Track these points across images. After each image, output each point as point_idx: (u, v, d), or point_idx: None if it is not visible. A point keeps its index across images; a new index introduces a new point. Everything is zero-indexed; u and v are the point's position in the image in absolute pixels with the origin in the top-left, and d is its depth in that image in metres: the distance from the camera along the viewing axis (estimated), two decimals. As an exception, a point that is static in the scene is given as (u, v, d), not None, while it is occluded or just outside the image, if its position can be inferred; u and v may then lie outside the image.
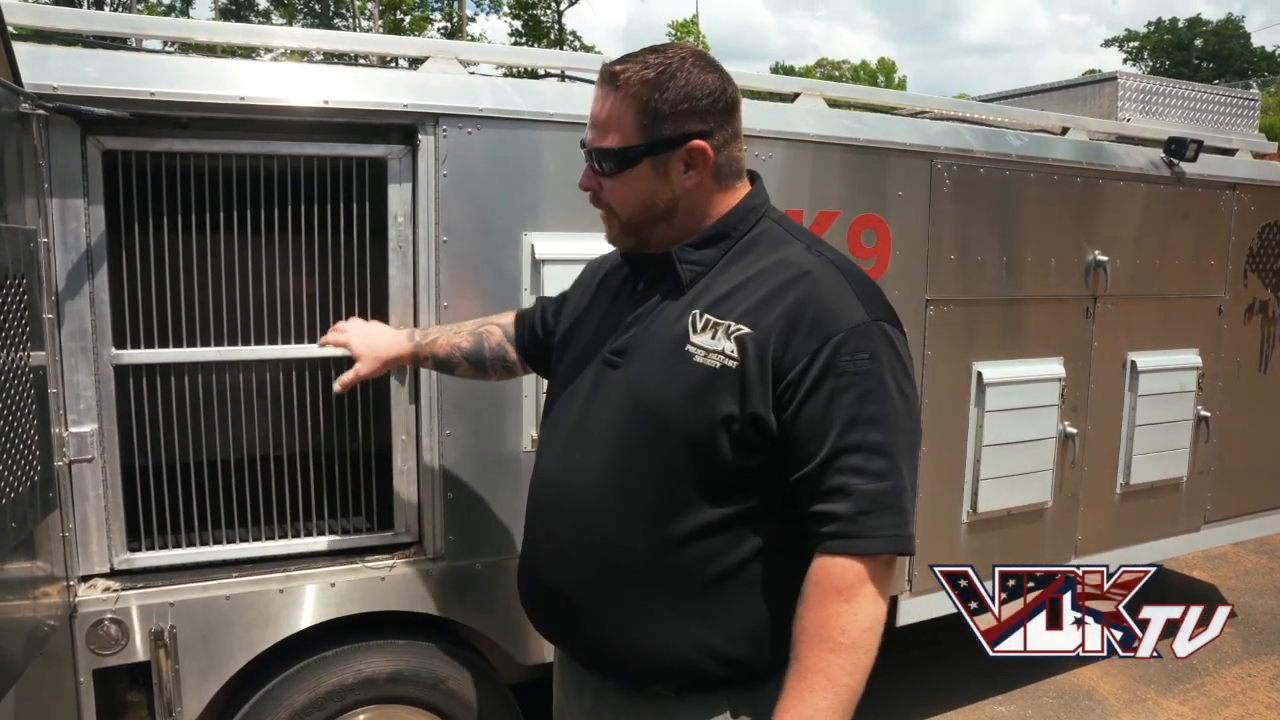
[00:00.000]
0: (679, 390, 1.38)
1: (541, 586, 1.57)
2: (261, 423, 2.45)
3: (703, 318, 1.40)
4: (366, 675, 2.38)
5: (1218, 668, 4.20)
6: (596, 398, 1.50)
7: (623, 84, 1.41)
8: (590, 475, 1.46)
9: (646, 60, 1.42)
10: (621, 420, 1.45)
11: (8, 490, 1.67)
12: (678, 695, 1.45)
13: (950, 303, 3.19)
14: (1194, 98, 4.16)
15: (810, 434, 1.32)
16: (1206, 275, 3.93)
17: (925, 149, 3.07)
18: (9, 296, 1.71)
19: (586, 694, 1.56)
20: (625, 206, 1.48)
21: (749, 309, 1.38)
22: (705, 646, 1.42)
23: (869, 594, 1.29)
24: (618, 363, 1.49)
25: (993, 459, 3.32)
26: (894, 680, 3.91)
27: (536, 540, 1.60)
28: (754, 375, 1.34)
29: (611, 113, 1.43)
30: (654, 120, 1.41)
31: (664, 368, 1.41)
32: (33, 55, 2.00)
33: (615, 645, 1.45)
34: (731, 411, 1.35)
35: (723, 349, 1.36)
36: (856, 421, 1.30)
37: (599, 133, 1.45)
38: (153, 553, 2.29)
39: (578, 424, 1.52)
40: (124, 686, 2.41)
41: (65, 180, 2.07)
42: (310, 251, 2.37)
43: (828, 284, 1.37)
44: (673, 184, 1.45)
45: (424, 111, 2.31)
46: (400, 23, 33.98)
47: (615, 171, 1.45)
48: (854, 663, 1.29)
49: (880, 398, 1.31)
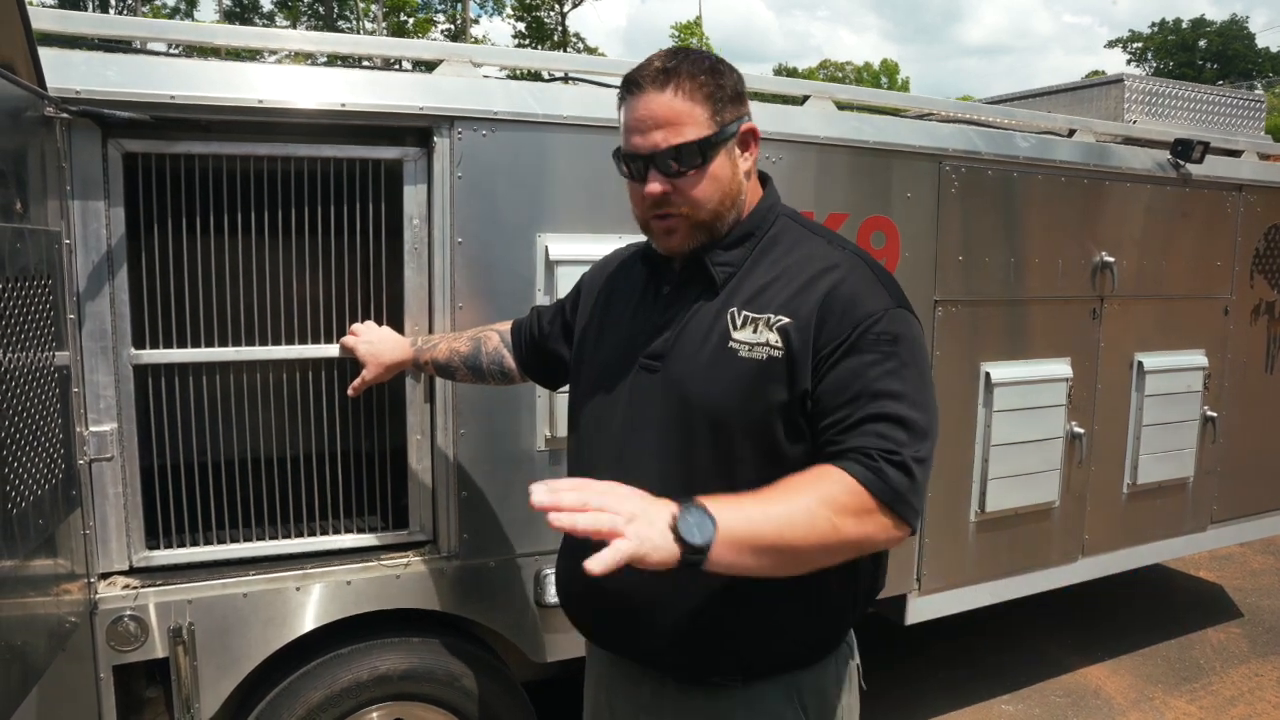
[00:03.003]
0: (729, 386, 1.42)
1: (594, 592, 1.55)
2: (278, 422, 2.47)
3: (741, 314, 1.45)
4: (382, 672, 2.40)
5: (1225, 667, 4.21)
6: (637, 403, 1.52)
7: (682, 79, 1.42)
8: (645, 478, 1.42)
9: (683, 55, 1.46)
10: (672, 422, 1.47)
11: (34, 488, 1.69)
12: (743, 683, 1.49)
13: (958, 303, 3.21)
14: (1200, 99, 4.18)
15: (838, 397, 1.36)
16: (1213, 276, 3.94)
17: (933, 151, 3.09)
18: (35, 297, 1.74)
19: (644, 692, 1.57)
20: (707, 200, 1.46)
21: (786, 301, 1.43)
22: (768, 633, 1.46)
23: (860, 534, 1.28)
24: (655, 366, 1.51)
25: (1001, 459, 3.34)
26: (901, 680, 3.94)
27: (585, 545, 1.59)
28: (800, 359, 1.39)
29: (677, 109, 1.42)
30: (720, 108, 1.45)
31: (709, 367, 1.45)
32: (56, 60, 2.03)
33: (677, 641, 1.47)
34: (783, 398, 1.40)
35: (766, 340, 1.41)
36: (880, 394, 1.34)
37: (668, 132, 1.42)
38: (171, 550, 2.32)
39: (623, 430, 1.53)
40: (142, 683, 2.44)
41: (87, 182, 2.09)
42: (326, 253, 2.39)
43: (856, 275, 1.44)
44: (739, 169, 1.50)
45: (439, 114, 2.33)
46: (404, 25, 34.04)
47: (700, 165, 1.44)
48: (802, 536, 1.23)
49: (902, 376, 1.36)
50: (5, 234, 1.59)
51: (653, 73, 1.44)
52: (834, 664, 1.55)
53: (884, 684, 3.85)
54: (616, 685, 1.65)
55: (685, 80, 1.43)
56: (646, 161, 1.44)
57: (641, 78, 1.44)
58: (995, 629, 4.42)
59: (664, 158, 1.42)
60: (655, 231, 1.52)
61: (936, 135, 3.14)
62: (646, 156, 1.44)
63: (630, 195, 1.53)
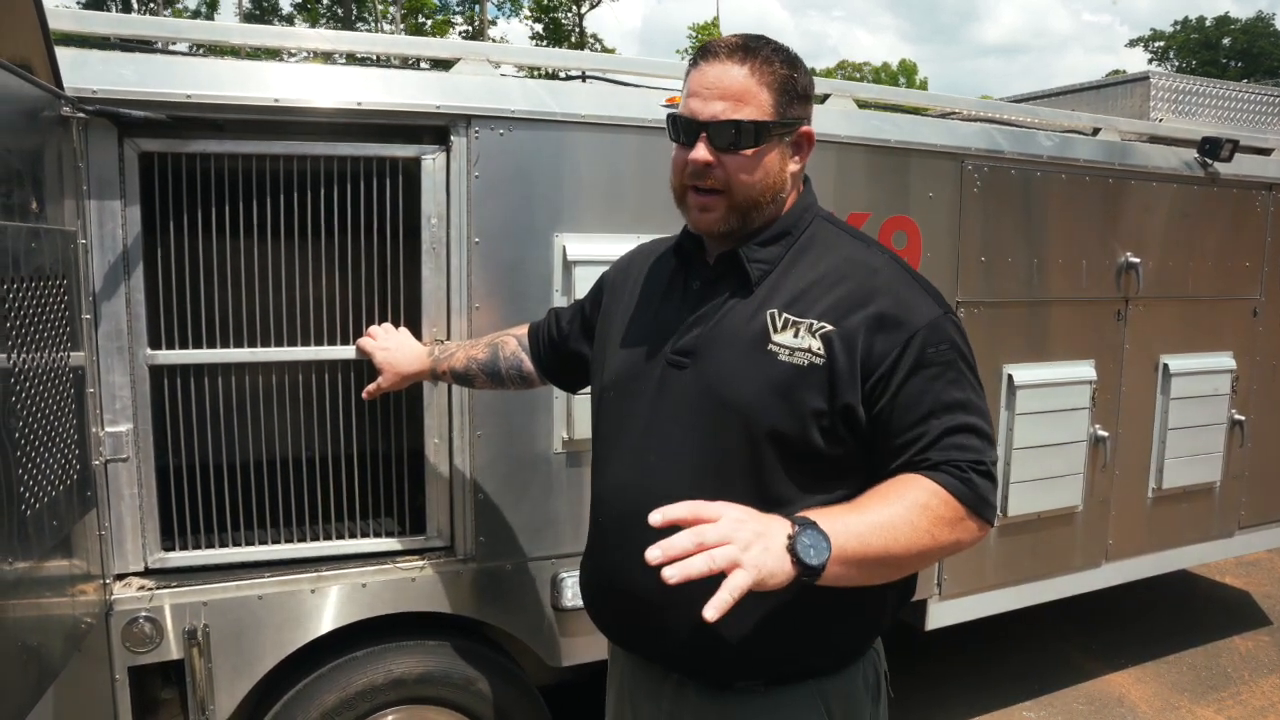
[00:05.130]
0: (766, 387, 1.40)
1: (617, 592, 1.55)
2: (294, 424, 2.46)
3: (782, 316, 1.42)
4: (397, 676, 2.39)
5: (1254, 676, 4.13)
6: (664, 399, 1.49)
7: (759, 61, 1.41)
8: (674, 476, 1.44)
9: (767, 40, 1.44)
10: (702, 420, 1.44)
11: (49, 489, 1.69)
12: (767, 688, 1.46)
13: (980, 304, 3.16)
14: (1228, 97, 4.11)
15: (911, 415, 1.37)
16: (1241, 277, 3.87)
17: (955, 150, 3.04)
18: (51, 298, 1.73)
19: (664, 696, 1.54)
20: (750, 184, 1.43)
21: (829, 307, 1.40)
22: (794, 637, 1.43)
23: (952, 540, 1.33)
24: (684, 363, 1.48)
25: (1023, 462, 3.28)
26: (923, 684, 3.89)
27: (610, 547, 1.57)
28: (843, 370, 1.37)
29: (746, 86, 1.39)
30: (787, 101, 1.43)
31: (745, 366, 1.42)
32: (73, 59, 2.03)
33: (703, 643, 1.44)
34: (821, 406, 1.38)
35: (808, 346, 1.39)
36: (951, 405, 1.37)
37: (730, 105, 1.39)
38: (186, 552, 2.31)
39: (648, 427, 1.50)
40: (157, 684, 2.43)
41: (103, 182, 2.09)
42: (343, 253, 2.37)
43: (900, 282, 1.43)
44: (787, 167, 1.47)
45: (456, 113, 2.31)
46: (422, 26, 34.19)
47: (751, 145, 1.41)
48: (904, 548, 1.27)
49: (964, 384, 1.40)
50: (21, 234, 1.58)
51: (731, 45, 1.42)
52: (861, 671, 1.53)
53: (905, 689, 3.77)
54: (638, 689, 1.62)
55: (762, 63, 1.41)
56: (701, 128, 1.41)
57: (719, 47, 1.42)
58: (1017, 634, 4.36)
59: (719, 129, 1.40)
60: (690, 205, 1.48)
61: (959, 134, 3.10)
62: (703, 123, 1.41)
63: (673, 162, 1.49)
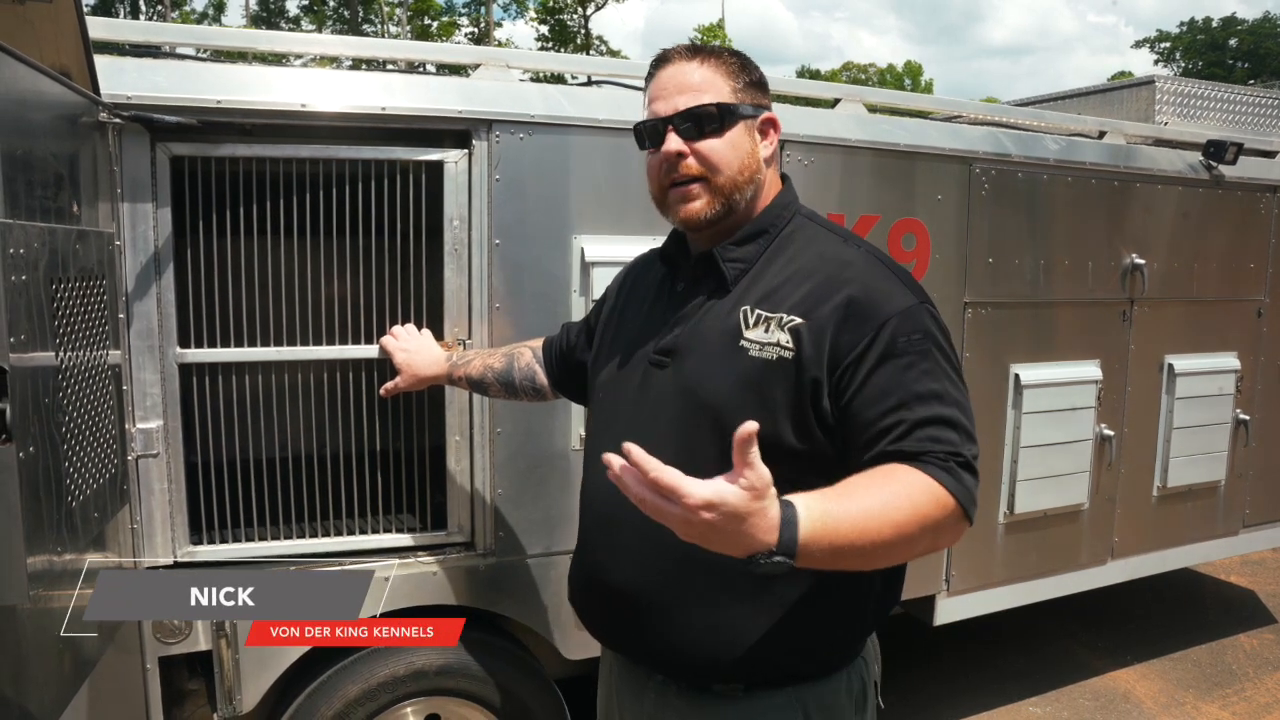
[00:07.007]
0: (738, 384, 1.42)
1: (600, 590, 1.57)
2: (318, 422, 2.51)
3: (754, 313, 1.44)
4: (418, 668, 2.44)
5: (1259, 673, 4.17)
6: (646, 399, 1.52)
7: (714, 54, 1.51)
8: None
9: (714, 45, 1.54)
10: (680, 419, 1.47)
11: (92, 481, 1.74)
12: (746, 692, 1.46)
13: (988, 305, 3.21)
14: (1233, 100, 4.15)
15: (880, 405, 1.34)
16: (1246, 278, 3.91)
17: (963, 153, 3.09)
18: (94, 297, 1.79)
19: (647, 697, 1.56)
20: (726, 165, 1.47)
21: (799, 301, 1.42)
22: (773, 641, 1.43)
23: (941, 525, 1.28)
24: (665, 362, 1.51)
25: (1030, 460, 3.33)
26: (929, 680, 3.94)
27: (594, 545, 1.60)
28: (810, 361, 1.37)
29: (702, 76, 1.47)
30: (746, 86, 1.50)
31: (720, 364, 1.44)
32: (108, 66, 2.09)
33: (682, 644, 1.46)
34: (790, 399, 1.39)
35: (777, 340, 1.40)
36: (925, 396, 1.34)
37: (691, 95, 1.46)
38: (214, 546, 2.37)
39: (630, 426, 1.51)
40: (184, 675, 2.49)
41: (136, 185, 2.15)
42: (367, 254, 2.43)
43: (872, 273, 1.43)
44: (757, 148, 1.52)
45: (478, 117, 2.37)
46: (428, 28, 34.27)
47: (716, 129, 1.46)
48: (896, 529, 1.23)
49: (939, 375, 1.37)
50: (69, 236, 1.64)
51: (682, 48, 1.51)
52: (846, 679, 1.51)
53: (912, 684, 3.85)
54: (625, 688, 1.63)
55: (714, 56, 1.50)
56: (666, 123, 1.47)
57: (671, 52, 1.52)
58: (1024, 631, 4.40)
59: (684, 117, 1.46)
60: (672, 202, 1.51)
61: (966, 138, 3.15)
62: (668, 118, 1.47)
63: (648, 170, 1.54)
